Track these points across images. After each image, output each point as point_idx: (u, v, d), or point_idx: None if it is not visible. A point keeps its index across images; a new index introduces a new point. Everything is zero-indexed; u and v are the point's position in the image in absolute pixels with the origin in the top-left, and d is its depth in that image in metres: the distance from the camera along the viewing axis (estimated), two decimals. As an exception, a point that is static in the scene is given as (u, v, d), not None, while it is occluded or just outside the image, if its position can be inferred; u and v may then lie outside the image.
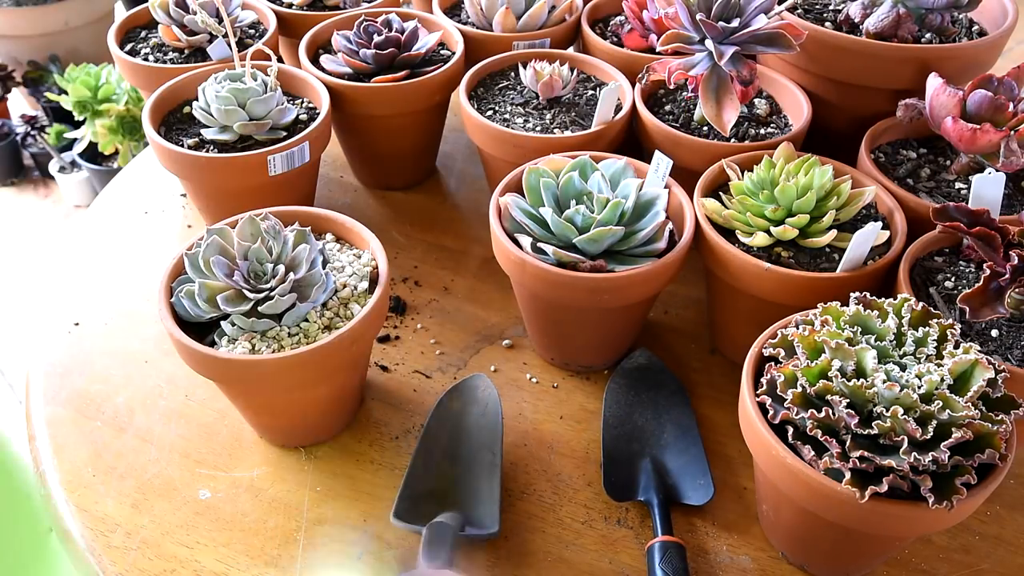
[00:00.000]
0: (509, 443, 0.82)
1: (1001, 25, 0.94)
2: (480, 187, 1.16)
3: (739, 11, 0.84)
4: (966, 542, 0.74)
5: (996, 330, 0.70)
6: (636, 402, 0.84)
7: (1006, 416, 0.58)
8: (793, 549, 0.71)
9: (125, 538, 0.73)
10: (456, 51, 1.08)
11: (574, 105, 1.01)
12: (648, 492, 0.74)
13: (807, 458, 0.60)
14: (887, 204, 0.83)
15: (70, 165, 2.25)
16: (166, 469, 0.79)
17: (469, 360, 0.90)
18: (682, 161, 0.88)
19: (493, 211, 0.82)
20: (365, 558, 0.72)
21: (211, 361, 0.69)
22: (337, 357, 0.71)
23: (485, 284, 1.00)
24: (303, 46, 1.09)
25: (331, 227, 0.83)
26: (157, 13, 1.11)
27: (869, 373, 0.58)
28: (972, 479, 0.56)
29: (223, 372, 0.70)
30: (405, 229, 1.08)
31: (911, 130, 0.93)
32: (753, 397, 0.64)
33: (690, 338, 0.93)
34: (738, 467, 0.79)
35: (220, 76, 0.95)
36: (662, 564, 0.68)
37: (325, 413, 0.79)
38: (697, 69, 0.88)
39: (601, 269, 0.76)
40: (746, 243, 0.79)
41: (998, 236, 0.71)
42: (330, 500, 0.76)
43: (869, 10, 0.93)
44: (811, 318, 0.65)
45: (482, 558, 0.72)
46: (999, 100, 0.81)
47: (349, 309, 0.75)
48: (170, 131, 0.98)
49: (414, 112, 1.06)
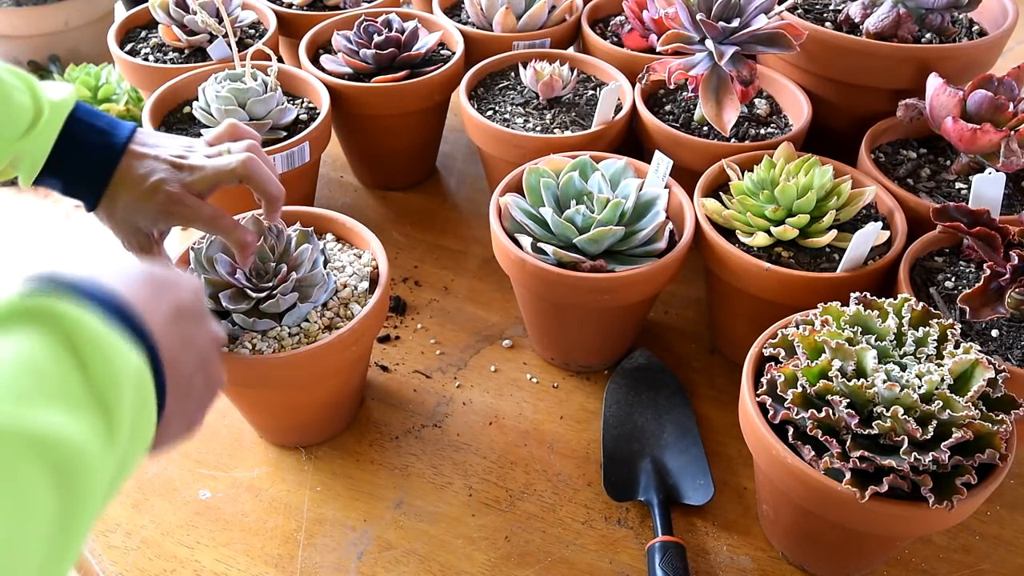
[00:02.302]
0: (509, 443, 0.82)
1: (1001, 25, 0.94)
2: (480, 187, 1.16)
3: (739, 11, 0.84)
4: (966, 542, 0.74)
5: (996, 330, 0.70)
6: (636, 402, 0.84)
7: (1006, 416, 0.58)
8: (793, 549, 0.71)
9: (125, 538, 0.73)
10: (456, 51, 1.08)
11: (574, 105, 1.01)
12: (648, 492, 0.74)
13: (807, 458, 0.60)
14: (887, 204, 0.83)
15: (70, 165, 2.25)
16: (166, 469, 0.79)
17: (469, 360, 0.90)
18: (682, 161, 0.88)
19: (493, 211, 0.82)
20: (365, 558, 0.72)
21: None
22: (337, 357, 0.71)
23: (485, 284, 1.00)
24: (303, 46, 1.09)
25: (332, 227, 0.83)
26: (157, 13, 1.10)
27: (869, 373, 0.58)
28: (972, 479, 0.56)
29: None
30: (405, 229, 1.08)
31: (911, 130, 0.93)
32: (753, 397, 0.64)
33: (690, 338, 0.93)
34: (738, 467, 0.79)
35: (220, 76, 0.95)
36: (662, 564, 0.68)
37: (325, 413, 0.79)
38: (697, 69, 0.88)
39: (601, 269, 0.76)
40: (746, 243, 0.79)
41: (998, 236, 0.71)
42: (330, 500, 0.76)
43: (869, 10, 0.93)
44: (811, 318, 0.65)
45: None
46: (999, 100, 0.81)
47: (349, 309, 0.75)
48: (170, 131, 0.97)
49: (414, 112, 1.06)
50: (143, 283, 0.41)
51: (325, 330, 0.73)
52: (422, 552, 0.72)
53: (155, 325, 0.39)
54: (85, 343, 0.33)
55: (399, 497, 0.77)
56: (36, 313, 0.33)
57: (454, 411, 0.85)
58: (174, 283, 0.43)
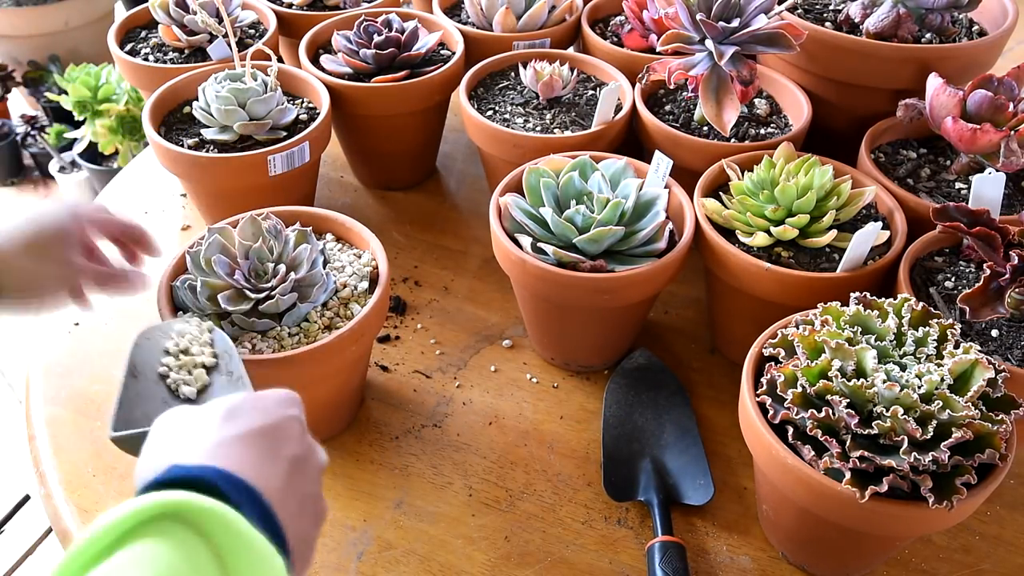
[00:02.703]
0: (509, 443, 0.82)
1: (1001, 25, 0.94)
2: (480, 187, 1.16)
3: (739, 11, 0.84)
4: (966, 542, 0.74)
5: (996, 330, 0.70)
6: (636, 402, 0.84)
7: (1006, 416, 0.58)
8: (793, 549, 0.71)
9: (125, 538, 0.73)
10: (456, 51, 1.08)
11: (574, 105, 1.01)
12: (648, 492, 0.74)
13: (807, 458, 0.60)
14: (887, 204, 0.83)
15: (70, 165, 2.25)
16: (166, 469, 0.79)
17: (469, 360, 0.90)
18: (682, 161, 0.88)
19: (493, 211, 0.82)
20: (365, 558, 0.72)
21: None
22: (337, 357, 0.71)
23: (485, 284, 1.00)
24: (303, 46, 1.09)
25: (331, 227, 0.83)
26: (157, 13, 1.11)
27: (869, 373, 0.58)
28: (972, 479, 0.56)
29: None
30: (405, 229, 1.08)
31: (911, 130, 0.93)
32: (753, 397, 0.64)
33: (690, 338, 0.93)
34: (738, 467, 0.79)
35: (220, 76, 0.95)
36: (662, 564, 0.68)
37: (325, 413, 0.79)
38: (697, 69, 0.88)
39: (601, 269, 0.76)
40: (746, 243, 0.79)
41: (998, 236, 0.71)
42: (330, 500, 0.76)
43: (869, 10, 0.93)
44: (811, 318, 0.65)
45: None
46: (999, 100, 0.81)
47: (349, 309, 0.75)
48: (170, 131, 0.98)
49: (414, 112, 1.06)
50: (255, 442, 0.38)
51: (325, 330, 0.73)
52: (422, 552, 0.72)
53: (275, 496, 0.37)
54: (227, 550, 0.32)
55: (399, 497, 0.77)
56: (170, 514, 0.31)
57: (454, 411, 0.85)
58: (283, 430, 0.40)
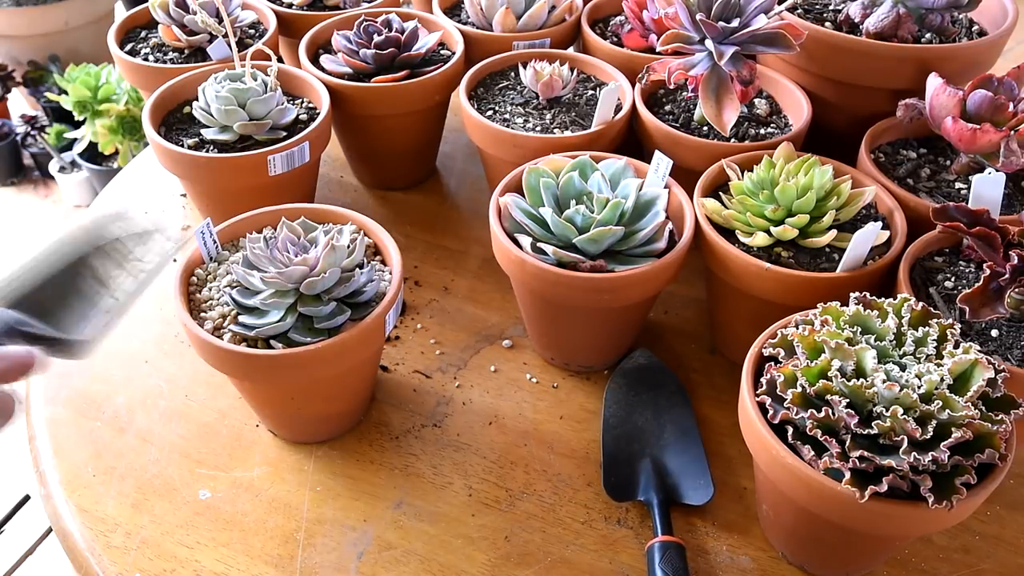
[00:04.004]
0: (509, 443, 0.82)
1: (1001, 25, 0.94)
2: (480, 187, 1.16)
3: (739, 11, 0.84)
4: (966, 542, 0.74)
5: (996, 330, 0.70)
6: (636, 402, 0.84)
7: (1006, 416, 0.58)
8: (793, 549, 0.71)
9: (125, 538, 0.73)
10: (456, 51, 1.08)
11: (574, 105, 1.01)
12: (648, 492, 0.74)
13: (807, 458, 0.60)
14: (887, 204, 0.83)
15: (70, 165, 2.25)
16: (166, 469, 0.79)
17: (469, 360, 0.90)
18: (682, 161, 0.88)
19: (493, 211, 0.82)
20: (365, 558, 0.72)
21: (226, 355, 0.70)
22: (356, 351, 0.72)
23: (485, 284, 1.00)
24: (303, 46, 1.09)
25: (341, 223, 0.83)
26: (157, 13, 1.11)
27: (869, 373, 0.58)
28: (972, 479, 0.56)
29: (242, 367, 0.71)
30: (405, 229, 1.08)
31: (911, 130, 0.93)
32: (753, 397, 0.64)
33: (690, 338, 0.93)
34: (738, 467, 0.79)
35: (220, 76, 0.95)
36: (662, 564, 0.68)
37: (340, 408, 0.80)
38: (697, 69, 0.88)
39: (601, 269, 0.76)
40: (746, 243, 0.79)
41: (998, 236, 0.71)
42: (330, 500, 0.76)
43: (869, 10, 0.93)
44: (811, 318, 0.65)
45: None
46: (999, 100, 0.81)
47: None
48: (170, 131, 0.98)
49: (414, 112, 1.06)
50: None
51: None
52: (422, 552, 0.72)
53: None
54: None
55: (399, 497, 0.77)
56: None
57: (454, 411, 0.85)
58: None
